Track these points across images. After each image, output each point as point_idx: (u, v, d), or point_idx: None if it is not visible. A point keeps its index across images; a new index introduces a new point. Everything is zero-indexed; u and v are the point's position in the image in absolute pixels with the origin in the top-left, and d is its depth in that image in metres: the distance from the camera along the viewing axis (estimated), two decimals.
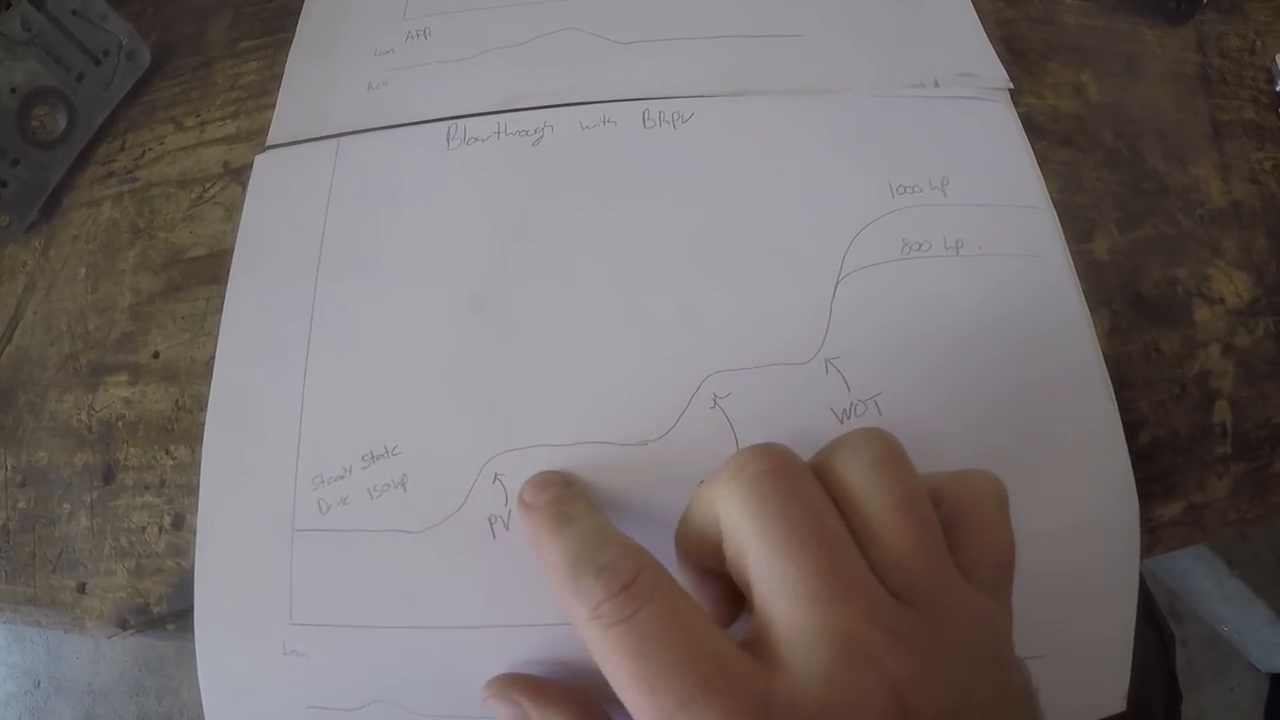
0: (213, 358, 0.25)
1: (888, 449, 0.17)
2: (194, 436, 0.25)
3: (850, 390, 0.23)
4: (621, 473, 0.23)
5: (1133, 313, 0.26)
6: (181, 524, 0.24)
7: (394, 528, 0.23)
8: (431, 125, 0.28)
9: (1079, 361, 0.24)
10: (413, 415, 0.24)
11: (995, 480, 0.18)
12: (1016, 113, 0.28)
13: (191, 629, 0.22)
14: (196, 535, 0.23)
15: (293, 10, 0.32)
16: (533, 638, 0.21)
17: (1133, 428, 0.24)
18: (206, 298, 0.27)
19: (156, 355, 0.27)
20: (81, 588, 0.25)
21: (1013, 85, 0.28)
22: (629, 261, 0.25)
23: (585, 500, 0.21)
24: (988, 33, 0.30)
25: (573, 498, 0.20)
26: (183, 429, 0.25)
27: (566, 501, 0.20)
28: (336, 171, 0.28)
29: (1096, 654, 0.22)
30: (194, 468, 0.24)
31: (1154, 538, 0.24)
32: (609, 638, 0.16)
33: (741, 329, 0.24)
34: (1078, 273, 0.25)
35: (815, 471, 0.17)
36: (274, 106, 0.30)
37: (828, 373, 0.23)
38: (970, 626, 0.16)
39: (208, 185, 0.29)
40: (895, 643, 0.15)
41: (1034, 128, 0.28)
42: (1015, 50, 0.30)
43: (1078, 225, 0.27)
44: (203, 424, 0.24)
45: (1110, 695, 0.22)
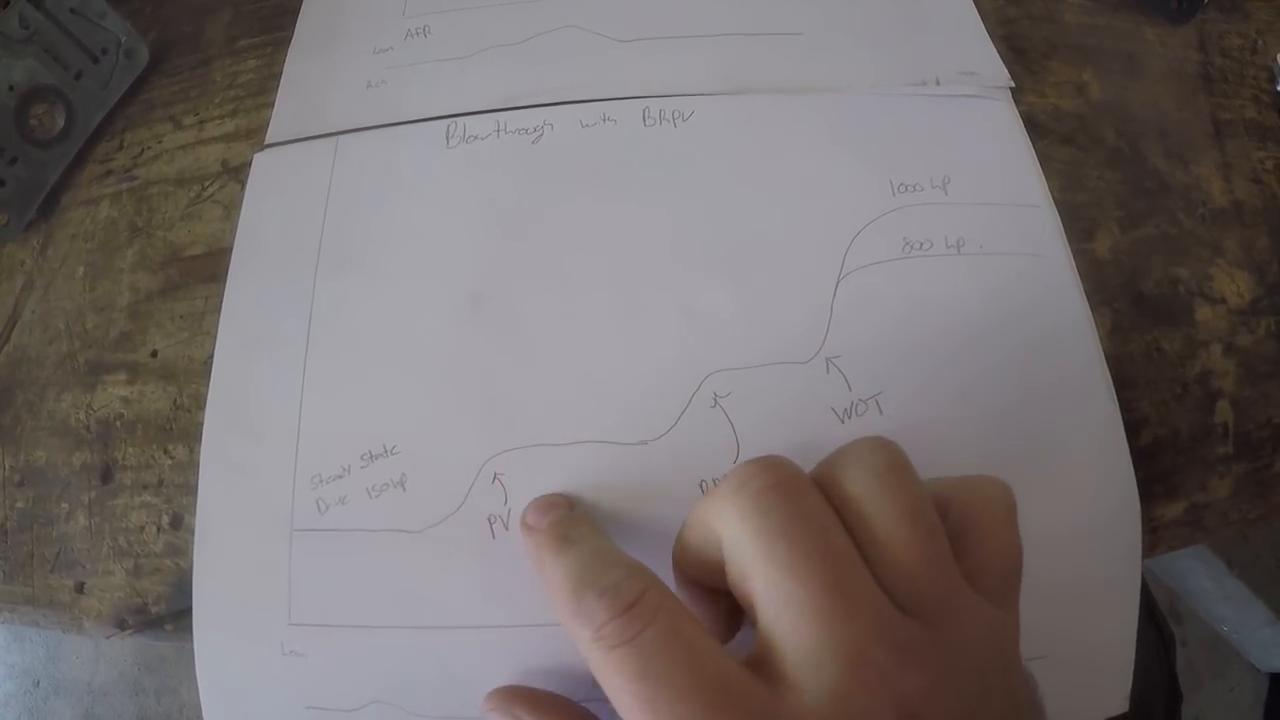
0: (211, 357, 0.25)
1: (891, 459, 0.17)
2: (192, 436, 0.25)
3: (851, 389, 0.23)
4: (622, 472, 0.22)
5: (1134, 312, 0.26)
6: (180, 524, 0.24)
7: (393, 527, 0.22)
8: (431, 123, 0.28)
9: (1080, 361, 0.24)
10: (412, 414, 0.24)
11: (1003, 486, 0.18)
12: (1018, 111, 0.28)
13: (190, 629, 0.22)
14: (195, 535, 0.23)
15: (291, 8, 0.32)
16: (532, 638, 0.21)
17: (1134, 427, 0.24)
18: (205, 296, 0.27)
19: (155, 354, 0.27)
20: (80, 588, 0.25)
21: (1014, 84, 0.28)
22: (629, 260, 0.25)
23: (588, 522, 0.20)
24: (989, 31, 0.30)
25: (575, 520, 0.20)
26: (181, 428, 0.25)
27: (569, 523, 0.20)
28: (335, 170, 0.27)
29: (1099, 655, 0.22)
30: (192, 467, 0.24)
31: (1155, 538, 0.24)
32: (612, 659, 0.16)
33: (742, 328, 0.24)
34: (1079, 272, 0.25)
35: (818, 484, 0.17)
36: (273, 105, 0.30)
37: (829, 372, 0.23)
38: (978, 638, 0.16)
39: (206, 184, 0.29)
40: (903, 658, 0.15)
41: (1035, 126, 0.28)
42: (1016, 49, 0.30)
43: (1079, 224, 0.26)
44: (201, 423, 0.24)
45: (1113, 696, 0.22)
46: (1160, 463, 0.24)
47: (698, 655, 0.15)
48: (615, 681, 0.16)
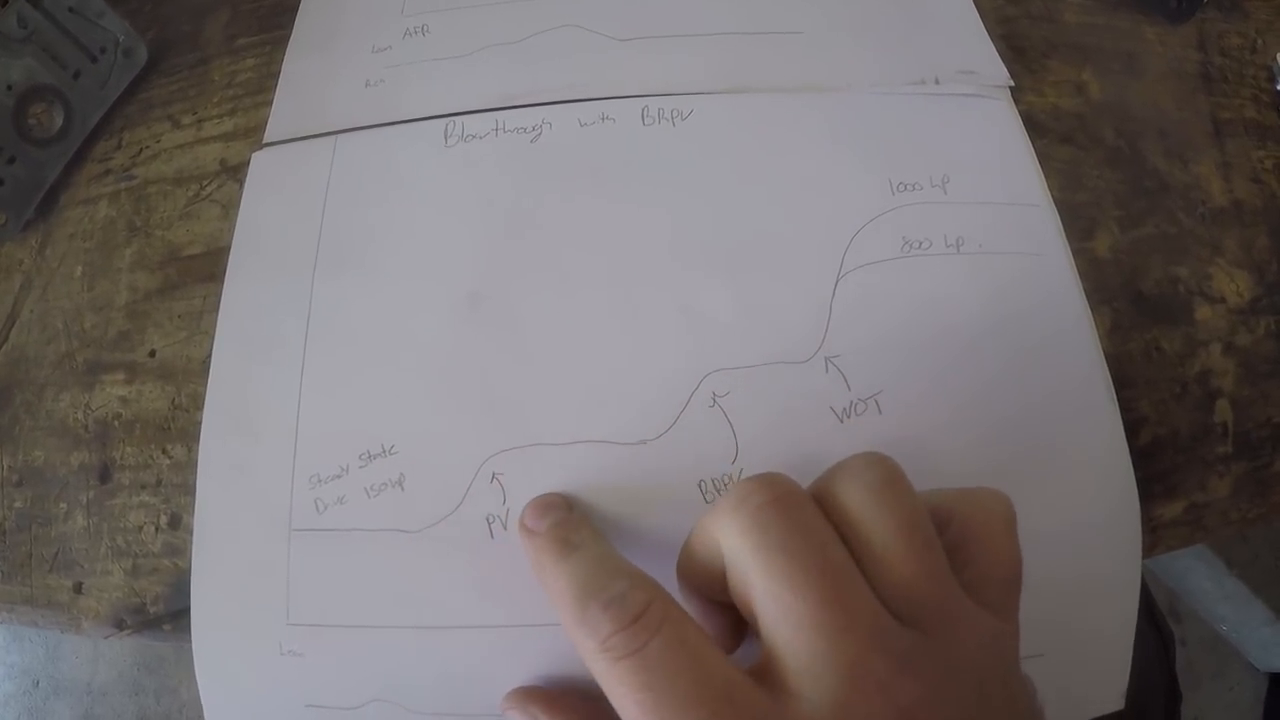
0: (209, 356, 0.25)
1: (887, 474, 0.17)
2: (191, 435, 0.25)
3: (850, 389, 0.23)
4: (620, 472, 0.22)
5: (1134, 311, 0.26)
6: (178, 524, 0.24)
7: (391, 527, 0.22)
8: (429, 122, 0.28)
9: (1080, 360, 0.24)
10: (410, 414, 0.24)
11: (1003, 499, 0.18)
12: (1017, 110, 0.28)
13: (188, 629, 0.22)
14: (193, 535, 0.23)
15: (290, 7, 0.32)
16: (531, 637, 0.21)
17: (1133, 427, 0.24)
18: (203, 296, 0.27)
19: (153, 354, 0.27)
20: (78, 587, 0.24)
21: (1013, 83, 0.28)
22: (628, 259, 0.25)
23: (589, 526, 0.20)
24: (988, 30, 0.30)
25: (576, 523, 0.20)
26: (179, 428, 0.25)
27: (569, 527, 0.20)
28: (334, 169, 0.27)
29: (1096, 653, 0.22)
30: (190, 467, 0.24)
31: (1155, 537, 0.24)
32: (617, 670, 0.16)
33: (741, 327, 0.24)
34: (1079, 271, 0.25)
35: (815, 499, 0.17)
36: (271, 104, 0.29)
37: (827, 371, 0.23)
38: (977, 648, 0.16)
39: (205, 183, 0.29)
40: (901, 668, 0.15)
41: (1035, 125, 0.28)
42: (1016, 48, 0.30)
43: (1079, 223, 0.26)
44: (199, 423, 0.24)
45: (1109, 693, 0.22)
46: (1160, 462, 0.24)
47: (702, 665, 0.16)
48: (620, 691, 0.16)
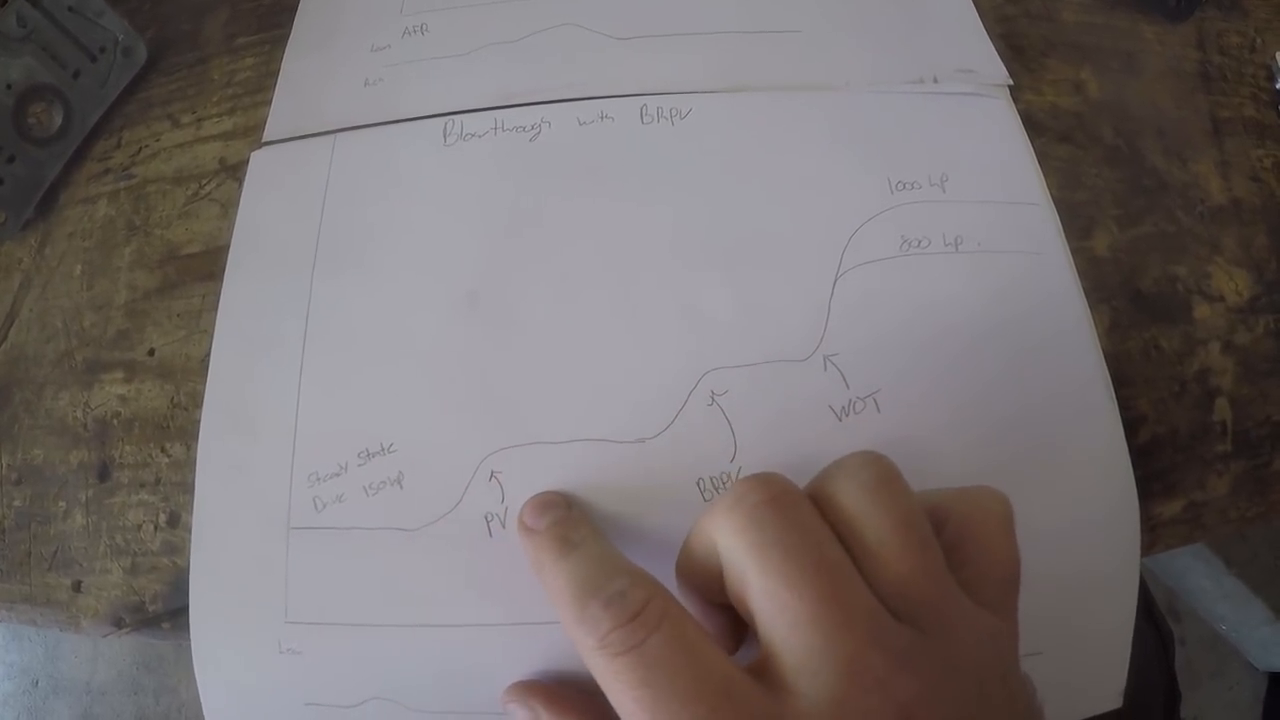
0: (208, 355, 0.25)
1: (883, 472, 0.17)
2: (190, 434, 0.25)
3: (849, 387, 0.23)
4: (619, 470, 0.22)
5: (1133, 310, 0.26)
6: (177, 522, 0.24)
7: (390, 525, 0.22)
8: (428, 121, 0.28)
9: (1079, 359, 0.24)
10: (409, 412, 0.24)
11: (1000, 498, 0.18)
12: (1016, 109, 0.28)
13: (187, 627, 0.22)
14: (192, 533, 0.23)
15: (289, 6, 0.32)
16: (530, 635, 0.21)
17: (1132, 425, 0.24)
18: (202, 295, 0.27)
19: (152, 353, 0.27)
20: (77, 586, 0.24)
21: (1012, 82, 0.28)
22: (626, 258, 0.25)
23: (588, 524, 0.20)
24: (987, 29, 0.30)
25: (575, 521, 0.20)
26: (178, 426, 0.25)
27: (569, 525, 0.20)
28: (333, 168, 0.27)
29: (1094, 651, 0.22)
30: (189, 465, 0.24)
31: (1154, 535, 0.24)
32: (616, 666, 0.16)
33: (739, 326, 0.24)
34: (1077, 270, 0.25)
35: (812, 498, 0.18)
36: (270, 103, 0.29)
37: (826, 370, 0.23)
38: (975, 645, 0.16)
39: (204, 182, 0.29)
40: (900, 664, 0.15)
41: (1033, 124, 0.28)
42: (1015, 46, 0.30)
43: (1077, 222, 0.26)
44: (198, 421, 0.24)
45: (1107, 691, 0.22)
46: (1159, 461, 0.24)
47: (701, 661, 0.16)
48: (618, 688, 0.16)
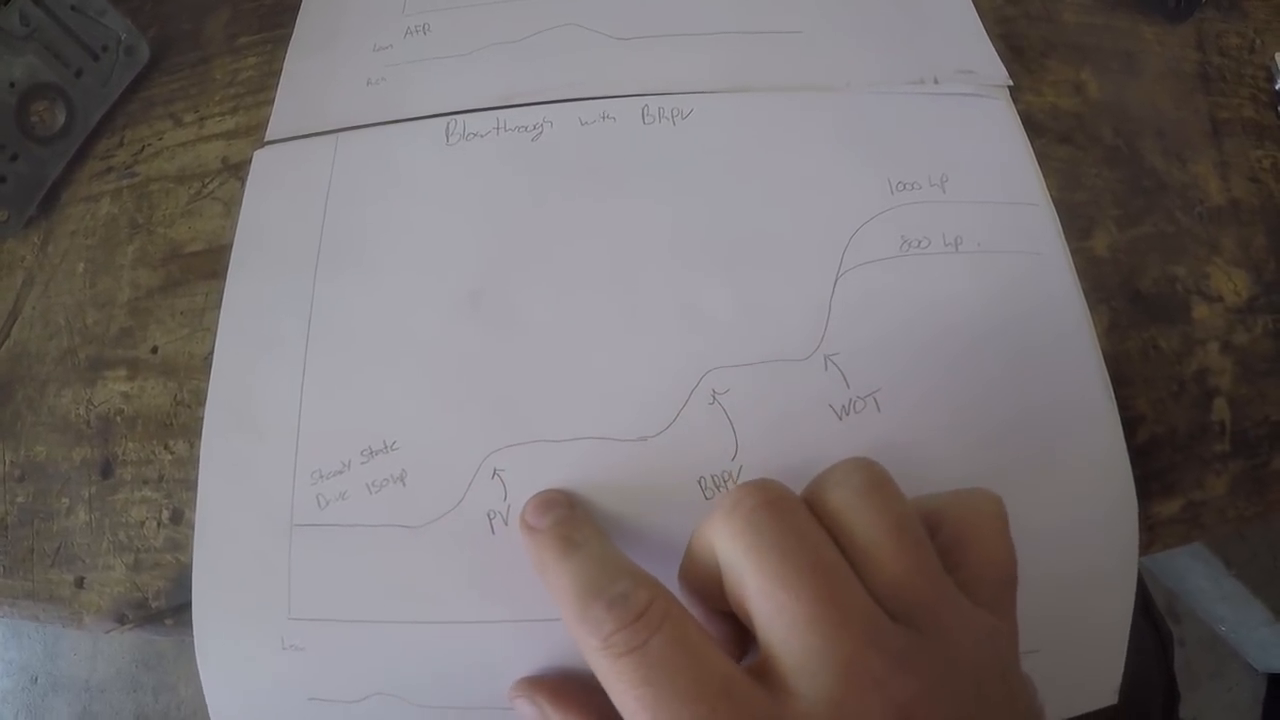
0: (211, 353, 0.25)
1: (873, 476, 0.18)
2: (193, 431, 0.25)
3: (849, 386, 0.23)
4: (620, 468, 0.22)
5: (1132, 310, 0.26)
6: (180, 519, 0.24)
7: (393, 523, 0.23)
8: (430, 121, 0.28)
9: (1078, 358, 0.24)
10: (412, 410, 0.24)
11: (994, 499, 0.19)
12: (1016, 110, 0.28)
13: (190, 624, 0.22)
14: (195, 530, 0.23)
15: (291, 6, 0.32)
16: (532, 632, 0.21)
17: (1131, 425, 0.24)
18: (205, 293, 0.27)
19: (155, 350, 0.27)
20: (80, 582, 0.25)
21: (1012, 82, 0.28)
22: (628, 257, 0.25)
23: (591, 524, 0.21)
24: (987, 30, 0.30)
25: (578, 521, 0.20)
26: (181, 424, 0.25)
27: (571, 525, 0.20)
28: (335, 167, 0.27)
29: (1092, 648, 0.22)
30: (192, 463, 0.24)
31: (1152, 535, 0.24)
32: (618, 666, 0.16)
33: (740, 325, 0.24)
34: (1077, 270, 0.25)
35: (807, 504, 0.18)
36: (273, 102, 0.30)
37: (826, 369, 0.23)
38: (973, 645, 0.16)
39: (206, 181, 0.29)
40: (897, 664, 0.15)
41: (1033, 125, 0.28)
42: (1015, 47, 0.30)
43: (1077, 222, 0.27)
44: (201, 419, 0.24)
45: (1103, 688, 0.22)
46: (1157, 460, 0.25)
47: (702, 662, 0.16)
48: (620, 687, 0.16)
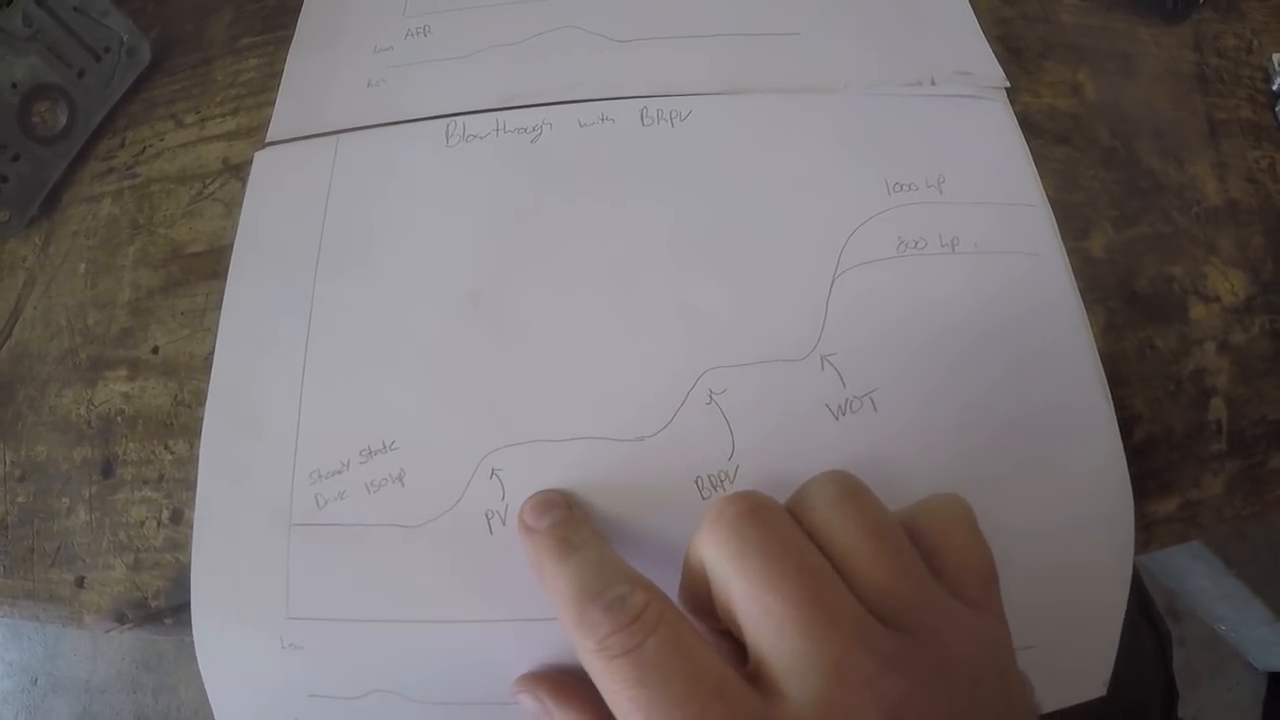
0: (212, 353, 0.25)
1: (848, 485, 0.18)
2: (193, 431, 0.25)
3: (846, 386, 0.23)
4: (618, 468, 0.23)
5: (1128, 310, 0.26)
6: (180, 519, 0.25)
7: (391, 522, 0.23)
8: (430, 122, 0.28)
9: (1075, 358, 0.24)
10: (410, 411, 0.24)
11: (960, 501, 0.19)
12: (1013, 111, 0.28)
13: (189, 623, 0.22)
14: (194, 530, 0.23)
15: (293, 7, 0.32)
16: (529, 631, 0.22)
17: (1128, 424, 0.24)
18: (206, 293, 0.27)
19: (156, 350, 0.27)
20: (80, 582, 0.25)
21: (1009, 84, 0.28)
22: (626, 258, 0.25)
23: (589, 525, 0.21)
24: (984, 31, 0.30)
25: (576, 522, 0.21)
26: (182, 424, 0.26)
27: (569, 526, 0.20)
28: (336, 168, 0.28)
29: (1084, 643, 0.22)
30: (192, 462, 0.24)
31: (1149, 534, 0.24)
32: (613, 668, 0.16)
33: (737, 326, 0.24)
34: (1074, 270, 0.25)
35: (790, 514, 0.18)
36: (274, 103, 0.30)
37: (823, 369, 0.24)
38: (965, 645, 0.16)
39: (207, 181, 0.29)
40: (887, 665, 0.15)
41: (1030, 126, 0.28)
42: (1012, 49, 0.30)
43: (1074, 223, 0.27)
44: (201, 419, 0.24)
45: (1093, 681, 0.22)
46: (1154, 459, 0.25)
47: (695, 663, 0.16)
48: (614, 687, 0.16)
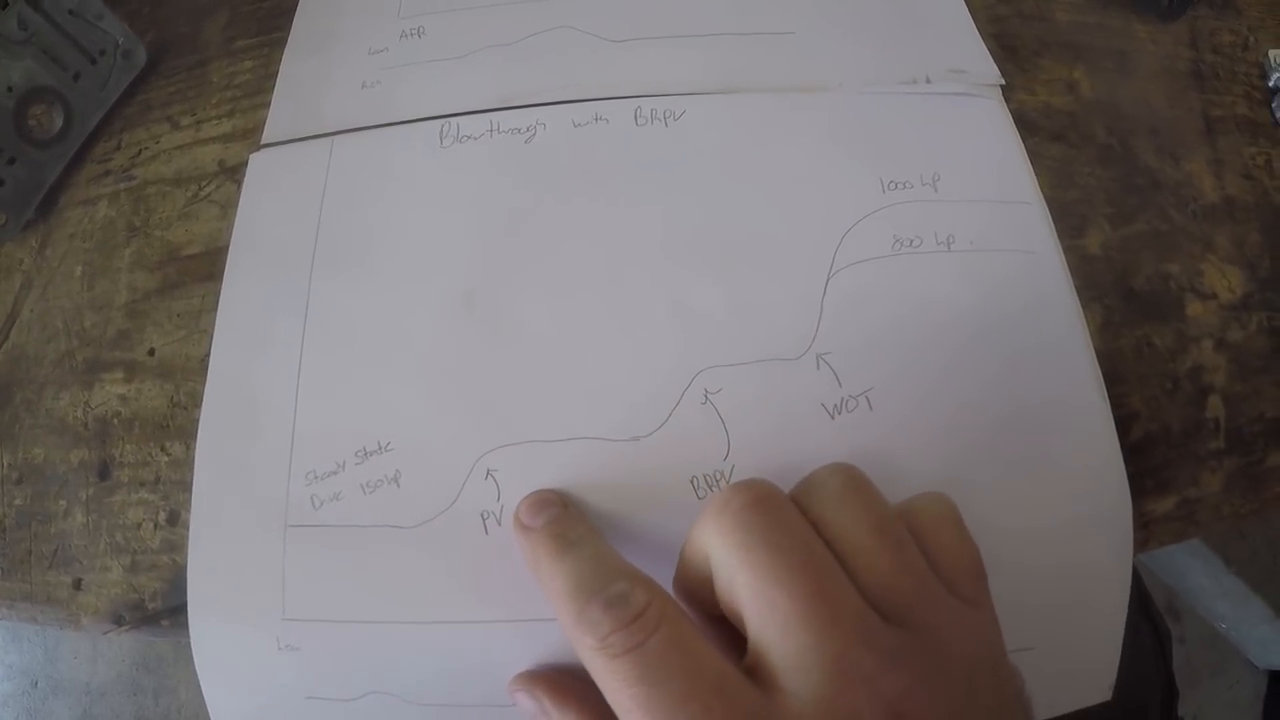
0: (208, 355, 0.25)
1: (851, 479, 0.18)
2: (189, 433, 0.25)
3: (841, 386, 0.23)
4: (613, 468, 0.23)
5: (1125, 308, 0.26)
6: (176, 520, 0.25)
7: (387, 523, 0.23)
8: (424, 124, 0.28)
9: (1071, 356, 0.24)
10: (406, 412, 0.24)
11: (944, 498, 0.19)
12: (1008, 109, 0.28)
13: (186, 625, 0.22)
14: (190, 531, 0.23)
15: (288, 9, 0.32)
16: (526, 632, 0.22)
17: (1125, 423, 0.24)
18: (202, 295, 0.27)
19: (152, 353, 0.27)
20: (77, 584, 0.25)
21: (1005, 81, 0.28)
22: (621, 258, 0.25)
23: (585, 523, 0.21)
24: (980, 29, 0.30)
25: (572, 520, 0.21)
26: (178, 426, 0.26)
27: (565, 524, 0.20)
28: (331, 170, 0.28)
29: (1087, 646, 0.22)
30: (189, 464, 0.24)
31: (1147, 532, 0.24)
32: (614, 666, 0.16)
33: (733, 325, 0.24)
34: (1070, 268, 0.25)
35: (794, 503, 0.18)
36: (269, 105, 0.30)
37: (819, 368, 0.24)
38: (965, 639, 0.16)
39: (203, 183, 0.29)
40: (888, 662, 0.15)
41: (1026, 124, 0.28)
42: (1007, 46, 0.30)
43: (1070, 221, 0.27)
44: (198, 421, 0.24)
45: (1098, 685, 0.22)
46: (1151, 458, 0.25)
47: (696, 660, 0.16)
48: (615, 686, 0.16)
